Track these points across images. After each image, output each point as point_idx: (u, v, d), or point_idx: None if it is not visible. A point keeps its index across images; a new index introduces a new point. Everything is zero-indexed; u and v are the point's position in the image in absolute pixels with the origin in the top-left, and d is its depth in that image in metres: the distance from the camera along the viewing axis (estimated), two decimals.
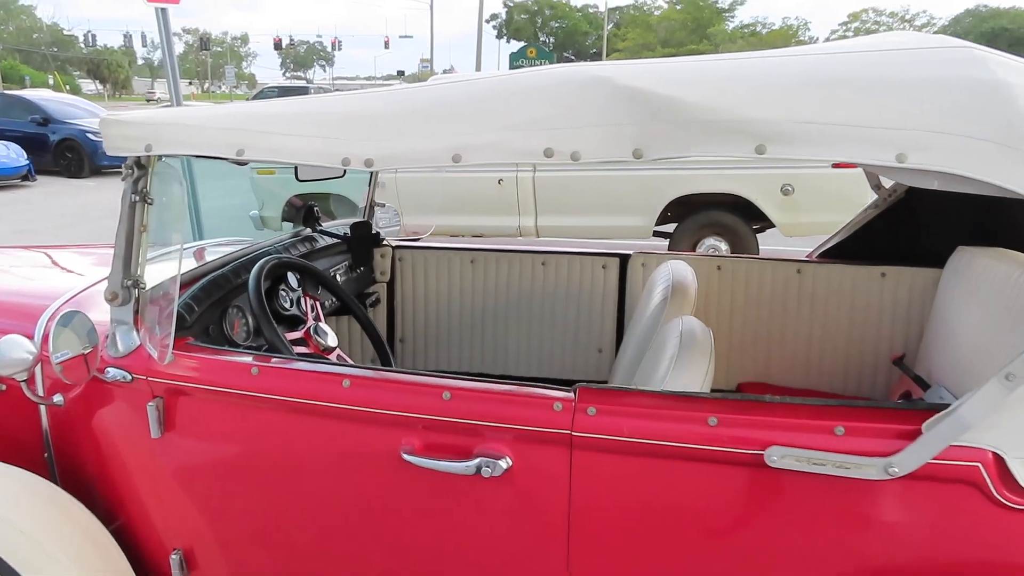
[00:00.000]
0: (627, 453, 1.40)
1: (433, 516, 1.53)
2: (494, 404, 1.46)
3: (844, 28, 56.78)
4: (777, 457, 1.31)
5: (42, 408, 1.88)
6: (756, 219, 6.87)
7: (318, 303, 2.29)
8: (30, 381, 1.77)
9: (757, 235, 7.00)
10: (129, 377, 1.70)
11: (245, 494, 1.68)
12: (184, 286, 1.88)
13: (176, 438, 1.69)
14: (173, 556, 1.78)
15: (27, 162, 13.38)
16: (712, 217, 6.94)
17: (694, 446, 1.36)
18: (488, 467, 1.43)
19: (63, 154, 14.93)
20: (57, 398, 1.83)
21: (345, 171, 1.55)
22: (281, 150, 1.50)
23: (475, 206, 7.38)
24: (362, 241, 2.80)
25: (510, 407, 1.45)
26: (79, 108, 16.19)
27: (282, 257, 2.21)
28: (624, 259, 2.71)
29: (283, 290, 2.19)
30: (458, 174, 7.33)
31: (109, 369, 1.72)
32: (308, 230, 2.73)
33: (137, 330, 1.70)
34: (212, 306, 1.91)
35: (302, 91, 25.56)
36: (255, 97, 26.49)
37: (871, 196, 7.28)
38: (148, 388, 1.70)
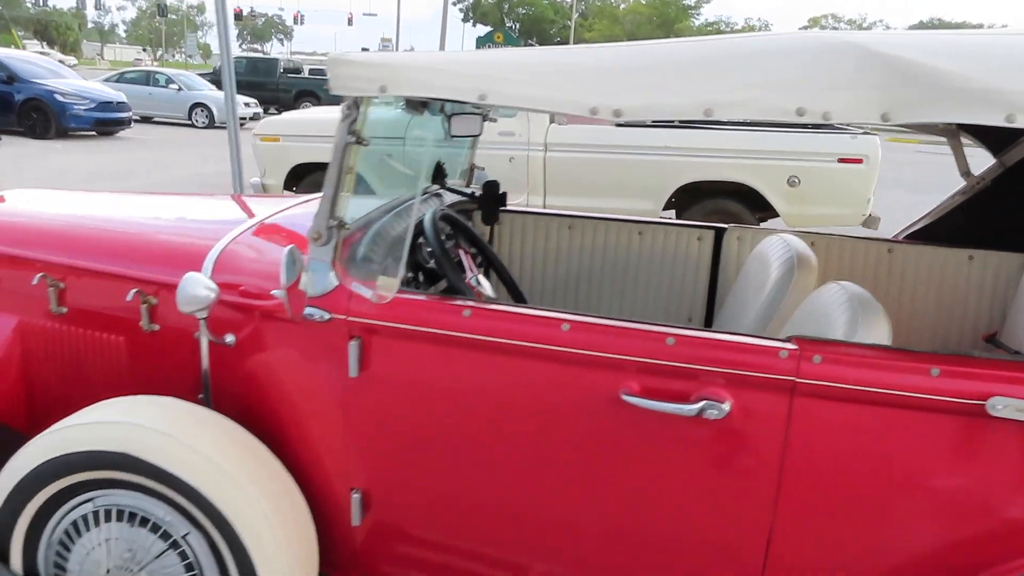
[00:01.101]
0: (849, 400, 1.47)
1: (647, 457, 1.58)
2: (718, 350, 1.51)
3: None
4: (1000, 407, 1.40)
5: (204, 349, 1.87)
6: (760, 209, 7.01)
7: (469, 256, 2.31)
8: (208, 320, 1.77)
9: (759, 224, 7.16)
10: (327, 316, 1.70)
11: (442, 436, 1.70)
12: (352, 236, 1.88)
13: (374, 378, 1.70)
14: (354, 495, 1.79)
15: None
16: (718, 205, 7.07)
17: (917, 395, 1.44)
18: (713, 409, 1.48)
19: (28, 114, 14.40)
20: (229, 338, 1.82)
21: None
22: (524, 97, 1.52)
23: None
24: (491, 200, 2.81)
25: (734, 353, 1.50)
26: (44, 68, 15.60)
27: (446, 210, 2.22)
28: (720, 232, 2.77)
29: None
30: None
31: (304, 308, 1.72)
32: (437, 187, 2.73)
33: (335, 270, 1.70)
34: (384, 254, 1.93)
35: (271, 63, 24.99)
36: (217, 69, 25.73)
37: (873, 191, 7.46)
38: (346, 328, 1.70)
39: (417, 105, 1.87)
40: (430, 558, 1.82)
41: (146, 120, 18.20)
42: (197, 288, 1.69)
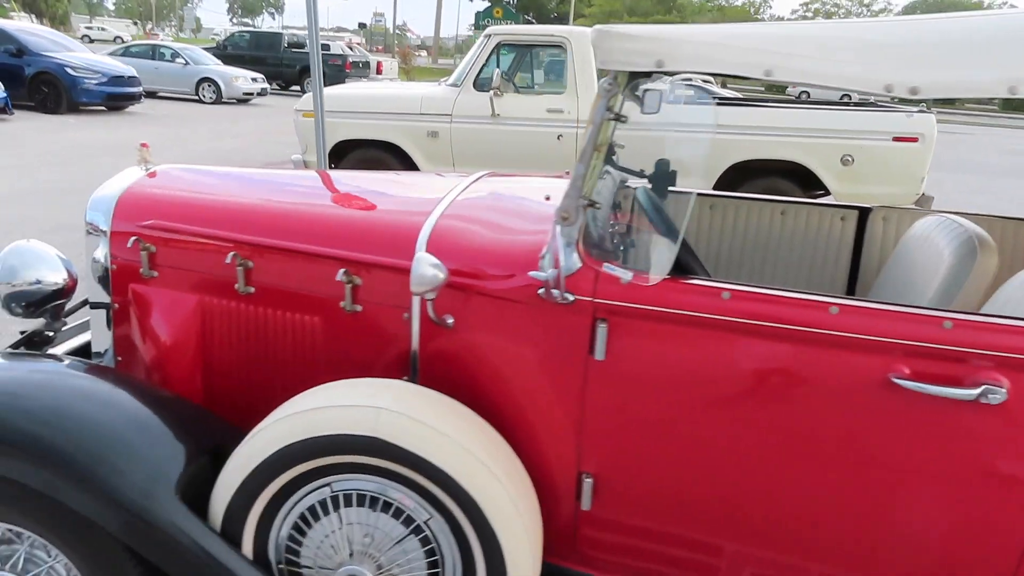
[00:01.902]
0: None
1: (916, 443, 1.55)
2: (997, 334, 1.48)
3: (804, 9, 57.59)
4: None
5: (414, 330, 1.82)
6: (812, 187, 6.97)
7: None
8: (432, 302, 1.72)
9: None
10: (571, 298, 1.65)
11: (690, 421, 1.66)
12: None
13: (621, 361, 1.66)
14: (586, 479, 1.75)
15: (4, 95, 12.62)
16: (769, 184, 7.02)
17: None
18: (994, 393, 1.45)
19: (39, 88, 14.15)
20: (449, 319, 1.77)
21: None
22: (812, 73, 1.47)
23: (532, 159, 7.31)
24: (662, 179, 2.75)
25: (1015, 337, 1.47)
26: (52, 40, 15.30)
27: (648, 188, 2.17)
28: (864, 212, 2.73)
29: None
30: (514, 127, 7.24)
31: (542, 288, 1.68)
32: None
33: (580, 251, 1.65)
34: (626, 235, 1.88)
35: (275, 37, 24.64)
36: (225, 41, 25.39)
37: (928, 170, 7.41)
38: (592, 309, 1.65)
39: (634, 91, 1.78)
40: (657, 549, 1.79)
41: (151, 95, 17.94)
42: (431, 269, 1.65)
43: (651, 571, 1.82)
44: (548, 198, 2.11)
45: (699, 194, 2.85)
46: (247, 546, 1.67)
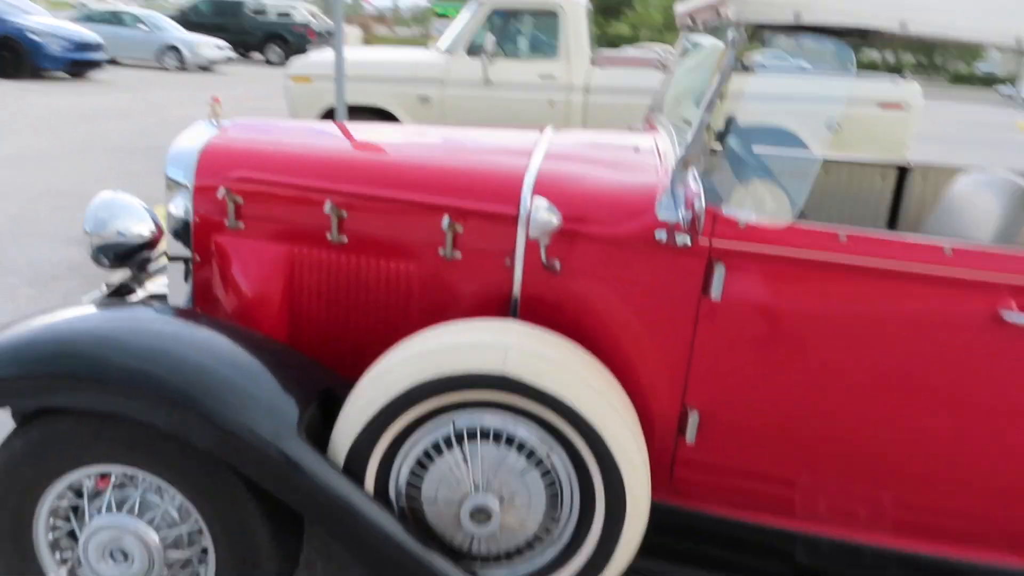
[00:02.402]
0: None
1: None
2: None
3: None
4: None
5: (516, 275, 1.88)
6: None
7: None
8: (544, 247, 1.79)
9: None
10: (688, 241, 1.73)
11: (801, 358, 1.75)
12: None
13: (735, 302, 1.74)
14: (691, 414, 1.84)
15: None
16: None
17: None
18: None
19: None
20: (556, 264, 1.83)
21: None
22: (947, 25, 1.54)
23: (523, 125, 7.33)
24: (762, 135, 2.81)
25: None
26: (9, 4, 14.74)
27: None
28: (903, 171, 2.84)
29: None
30: (507, 93, 7.25)
31: (659, 231, 1.74)
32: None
33: (698, 195, 1.72)
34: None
35: (237, 5, 23.98)
36: (187, 8, 24.57)
37: (912, 137, 7.59)
38: (708, 252, 1.73)
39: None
40: (755, 483, 1.89)
41: (112, 63, 17.44)
42: (546, 214, 1.70)
43: (746, 504, 1.93)
44: (637, 149, 2.17)
45: None
46: (369, 484, 1.73)
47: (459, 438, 1.71)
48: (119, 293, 2.22)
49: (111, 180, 7.13)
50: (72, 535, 1.85)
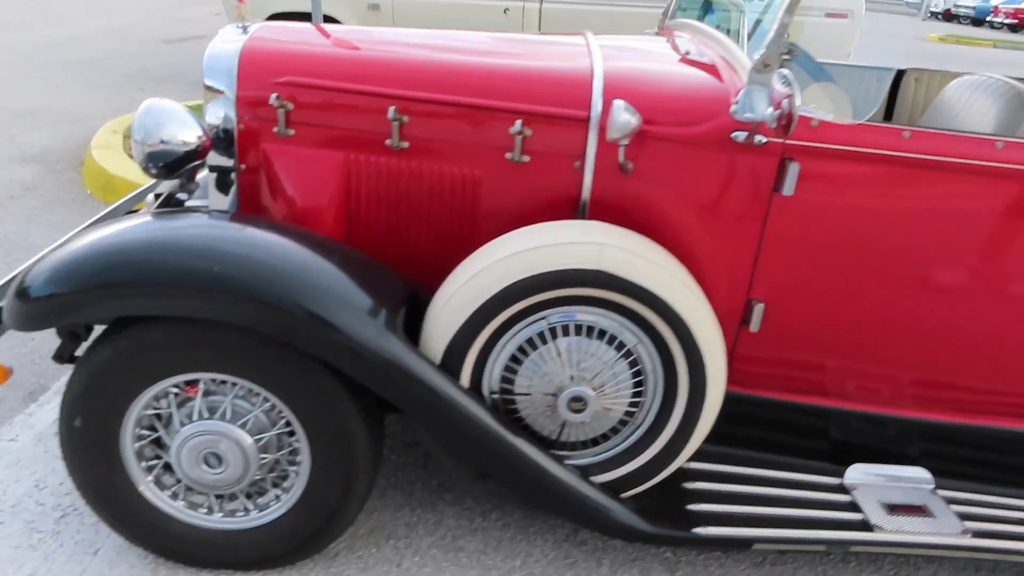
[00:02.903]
0: None
1: None
2: None
3: None
4: None
5: (586, 177, 1.93)
6: None
7: None
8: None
9: None
10: (763, 140, 1.80)
11: (865, 252, 1.87)
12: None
13: (806, 197, 1.83)
14: (756, 305, 1.95)
15: None
16: None
17: None
18: None
19: None
20: (629, 164, 1.89)
21: None
22: None
23: None
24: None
25: None
26: None
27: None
28: (899, 74, 2.98)
29: None
30: (460, 1, 7.08)
31: (738, 133, 1.81)
32: None
33: (773, 96, 1.78)
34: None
35: None
36: None
37: (854, 48, 7.81)
38: (781, 150, 1.81)
39: None
40: (807, 373, 2.05)
41: None
42: (626, 115, 1.74)
43: (795, 388, 2.09)
44: (688, 53, 2.21)
45: None
46: (464, 378, 1.80)
47: (554, 333, 1.79)
48: (167, 204, 2.17)
49: (37, 95, 6.69)
50: (158, 443, 1.86)
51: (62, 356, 2.04)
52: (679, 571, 2.09)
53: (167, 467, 1.89)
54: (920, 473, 2.09)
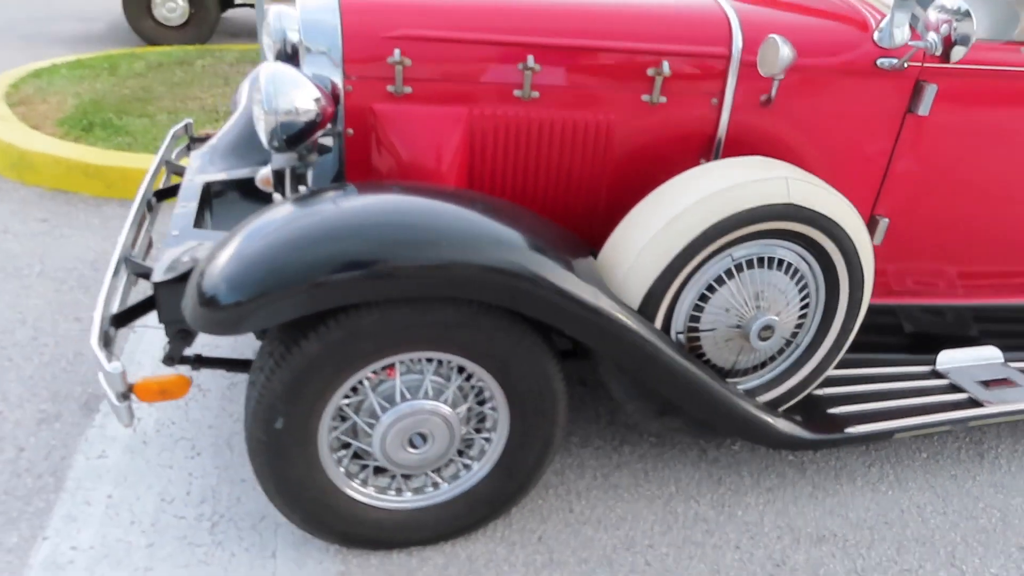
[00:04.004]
0: None
1: None
2: None
3: None
4: None
5: (724, 113, 1.98)
6: None
7: None
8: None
9: None
10: (904, 64, 1.92)
11: (994, 162, 2.07)
12: None
13: (938, 116, 1.98)
14: (881, 220, 2.11)
15: None
16: None
17: None
18: None
19: None
20: (763, 97, 1.96)
21: None
22: None
23: None
24: None
25: None
26: None
27: None
28: None
29: None
30: None
31: (884, 59, 1.92)
32: None
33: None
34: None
35: None
36: None
37: None
38: (917, 73, 1.94)
39: None
40: (910, 280, 2.27)
41: None
42: (787, 49, 1.80)
43: (895, 290, 2.30)
44: None
45: None
46: (658, 321, 1.84)
47: (739, 268, 1.86)
48: (283, 181, 1.97)
49: None
50: (350, 432, 1.78)
51: (173, 358, 1.88)
52: (807, 469, 2.29)
53: (354, 455, 1.81)
54: (992, 351, 2.39)
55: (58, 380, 2.45)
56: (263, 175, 1.96)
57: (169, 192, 2.53)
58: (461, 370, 1.77)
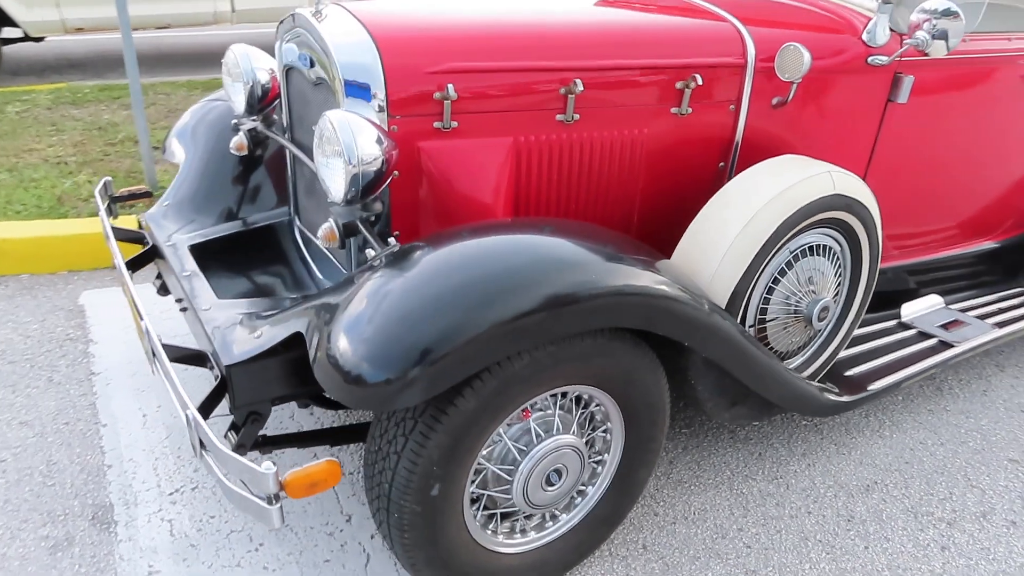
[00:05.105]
0: None
1: None
2: None
3: None
4: None
5: (741, 117, 2.13)
6: None
7: None
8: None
9: None
10: (885, 60, 2.16)
11: (958, 135, 2.37)
12: None
13: (913, 101, 2.26)
14: None
15: None
16: None
17: None
18: None
19: None
20: (775, 100, 2.13)
21: None
22: None
23: None
24: None
25: None
26: None
27: None
28: None
29: None
30: None
31: (873, 56, 2.14)
32: None
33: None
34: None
35: None
36: None
37: None
38: (896, 67, 2.19)
39: None
40: (908, 236, 2.57)
41: None
42: (807, 55, 1.97)
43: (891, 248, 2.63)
44: None
45: None
46: (751, 317, 1.96)
47: (796, 258, 2.02)
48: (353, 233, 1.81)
49: None
50: (481, 483, 1.71)
51: (245, 445, 1.73)
52: (823, 430, 2.53)
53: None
54: (935, 299, 2.77)
55: (43, 498, 2.09)
56: (326, 230, 1.81)
57: (139, 261, 2.26)
58: (578, 399, 1.77)
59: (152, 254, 2.30)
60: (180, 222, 2.36)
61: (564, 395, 1.74)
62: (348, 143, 1.65)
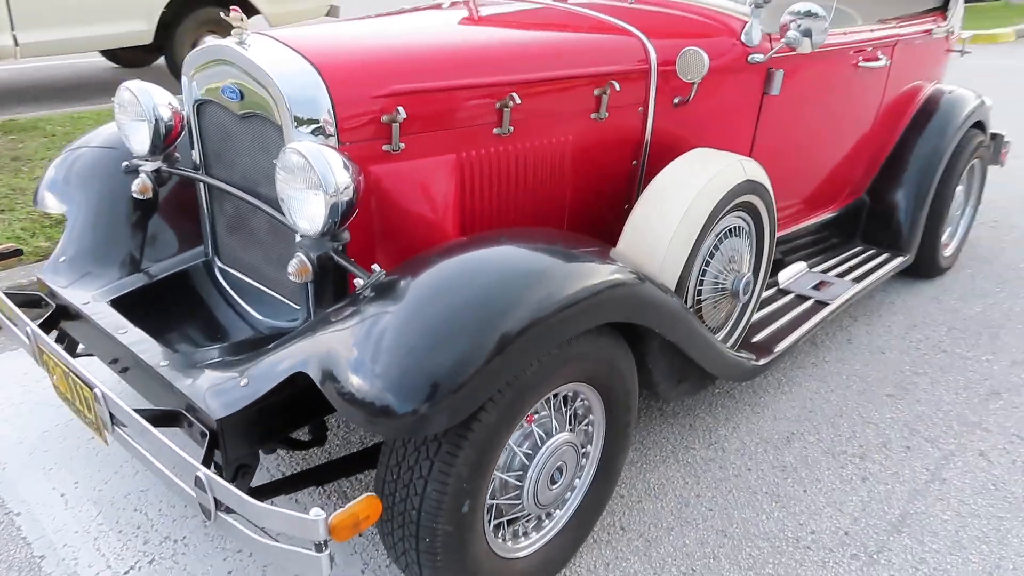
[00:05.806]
0: None
1: None
2: None
3: None
4: None
5: (649, 118, 2.30)
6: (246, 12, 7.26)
7: None
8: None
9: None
10: (762, 58, 2.40)
11: (812, 123, 2.70)
12: None
13: (783, 91, 2.52)
14: None
15: None
16: (210, 14, 7.01)
17: None
18: None
19: None
20: (676, 99, 2.33)
21: None
22: None
23: None
24: None
25: None
26: None
27: None
28: None
29: None
30: None
31: (753, 55, 2.38)
32: None
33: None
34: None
35: None
36: None
37: None
38: (769, 63, 2.45)
39: None
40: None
41: None
42: (707, 57, 2.18)
43: None
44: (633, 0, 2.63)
45: None
46: (689, 293, 2.14)
47: (722, 240, 2.22)
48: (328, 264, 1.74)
49: None
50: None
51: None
52: (734, 393, 2.78)
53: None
54: (800, 265, 3.13)
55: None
56: (296, 266, 1.75)
57: (47, 325, 2.05)
58: (565, 398, 1.85)
59: (58, 315, 2.09)
60: (80, 276, 2.16)
61: (555, 395, 1.81)
62: (324, 172, 1.62)
